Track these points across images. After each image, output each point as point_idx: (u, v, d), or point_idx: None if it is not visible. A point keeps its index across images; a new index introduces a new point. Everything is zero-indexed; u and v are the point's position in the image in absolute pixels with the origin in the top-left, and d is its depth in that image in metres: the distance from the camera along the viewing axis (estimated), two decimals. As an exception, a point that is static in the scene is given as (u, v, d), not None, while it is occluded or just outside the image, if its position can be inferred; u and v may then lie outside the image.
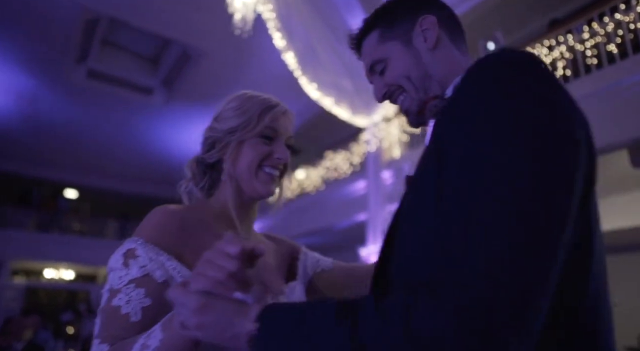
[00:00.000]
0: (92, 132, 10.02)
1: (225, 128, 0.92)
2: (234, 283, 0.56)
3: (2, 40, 6.79)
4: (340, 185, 7.49)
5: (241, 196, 0.93)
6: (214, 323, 0.55)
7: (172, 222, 0.82)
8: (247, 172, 0.91)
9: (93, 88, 8.23)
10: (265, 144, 0.92)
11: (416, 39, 0.75)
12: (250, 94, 0.96)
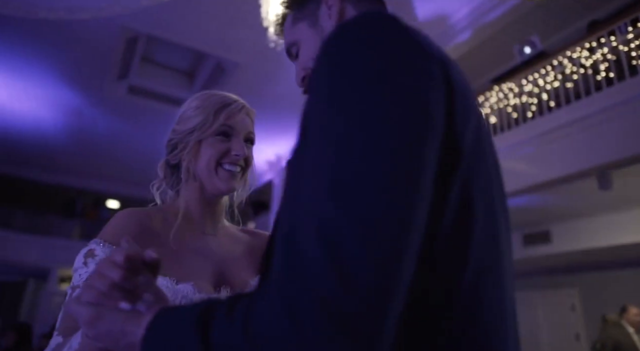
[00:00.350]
0: (131, 144, 10.40)
1: (184, 129, 0.96)
2: (119, 293, 0.55)
3: (51, 59, 7.18)
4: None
5: (204, 194, 0.96)
6: (107, 333, 0.53)
7: (131, 223, 0.88)
8: (206, 170, 0.94)
9: (133, 103, 8.56)
10: (223, 142, 0.95)
11: (322, 18, 0.72)
12: (209, 94, 1.01)
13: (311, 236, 0.39)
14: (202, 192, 0.97)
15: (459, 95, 0.50)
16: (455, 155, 0.48)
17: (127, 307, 0.54)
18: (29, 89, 8.06)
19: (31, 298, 12.97)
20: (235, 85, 7.70)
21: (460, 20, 6.09)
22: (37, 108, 8.78)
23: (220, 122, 0.95)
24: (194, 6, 5.89)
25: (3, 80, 7.78)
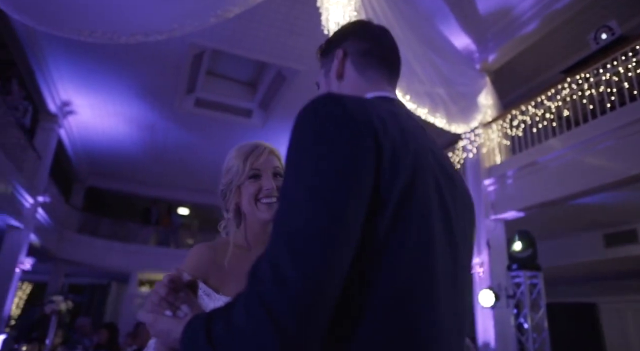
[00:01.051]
0: (199, 154, 10.95)
1: (226, 181, 1.21)
2: (166, 304, 0.79)
3: (127, 79, 7.78)
4: (438, 195, 7.28)
5: (252, 225, 1.19)
6: (160, 332, 0.76)
7: (202, 254, 1.13)
8: (249, 207, 1.17)
9: (200, 115, 9.03)
10: (255, 182, 1.17)
11: (332, 70, 0.90)
12: (239, 146, 1.24)
13: (265, 263, 0.59)
14: (252, 224, 1.19)
15: (389, 155, 0.65)
16: (381, 203, 0.64)
17: (169, 314, 0.78)
18: (109, 107, 8.77)
19: (114, 299, 14.04)
20: (295, 92, 7.88)
21: (526, 10, 5.82)
22: (116, 125, 9.53)
23: (249, 168, 1.18)
24: (255, 18, 6.12)
25: (88, 101, 8.53)
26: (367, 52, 0.89)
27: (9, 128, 6.96)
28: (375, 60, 0.89)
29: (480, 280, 5.69)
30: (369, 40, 0.91)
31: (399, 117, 0.75)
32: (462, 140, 6.74)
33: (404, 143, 0.68)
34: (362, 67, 0.89)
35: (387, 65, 0.91)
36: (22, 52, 6.98)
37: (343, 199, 0.59)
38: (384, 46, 0.92)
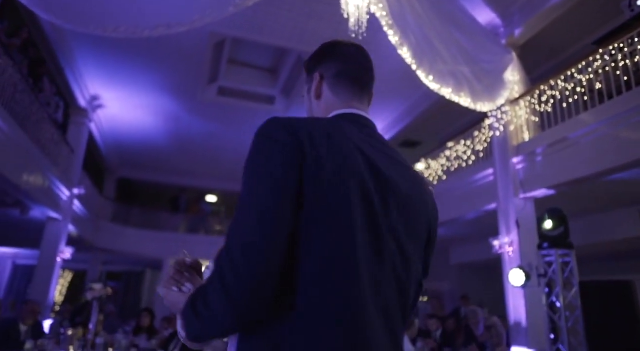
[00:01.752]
0: (224, 142, 11.10)
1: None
2: (174, 282, 0.95)
3: (151, 71, 7.92)
4: (465, 175, 7.18)
5: None
6: (171, 304, 0.93)
7: None
8: None
9: (223, 104, 9.12)
10: None
11: (312, 90, 1.05)
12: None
13: (224, 252, 0.78)
14: None
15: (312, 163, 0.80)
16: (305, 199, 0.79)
17: (176, 290, 0.95)
18: (135, 100, 8.97)
19: (149, 286, 14.56)
20: (316, 77, 7.86)
21: (553, -20, 5.59)
22: (143, 117, 9.74)
23: None
24: (274, 4, 6.10)
25: (115, 94, 8.74)
26: (341, 74, 1.02)
27: (44, 125, 7.22)
28: (347, 80, 1.02)
29: (509, 260, 5.64)
30: (343, 63, 1.03)
31: (342, 130, 0.89)
32: (488, 118, 6.60)
33: (329, 154, 0.82)
34: (336, 87, 1.02)
35: (358, 84, 1.04)
36: (51, 50, 7.19)
37: (271, 204, 0.78)
38: (356, 66, 1.05)
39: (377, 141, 0.96)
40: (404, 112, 8.98)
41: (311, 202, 0.79)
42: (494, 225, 6.16)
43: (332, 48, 1.06)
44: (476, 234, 8.61)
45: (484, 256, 8.92)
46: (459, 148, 7.56)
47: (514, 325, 5.45)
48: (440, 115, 8.96)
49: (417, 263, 0.92)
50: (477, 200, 6.78)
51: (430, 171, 8.31)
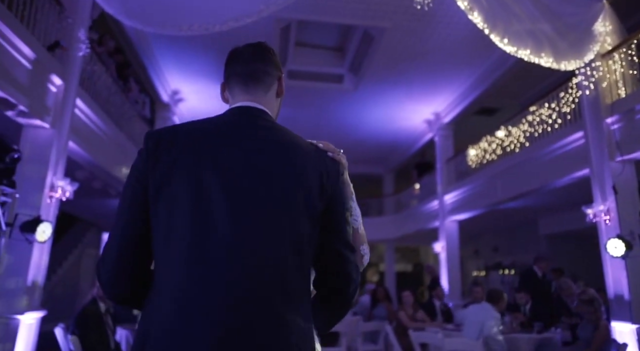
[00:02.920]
0: (297, 124, 11.34)
1: None
2: None
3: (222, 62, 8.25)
4: (550, 140, 6.69)
5: None
6: None
7: None
8: None
9: (294, 87, 9.28)
10: None
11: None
12: None
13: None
14: None
15: (161, 168, 0.97)
16: (146, 195, 0.97)
17: None
18: (211, 91, 9.45)
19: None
20: (385, 51, 7.70)
21: None
22: (219, 107, 10.10)
23: None
24: (335, -18, 6.03)
25: (193, 87, 9.28)
26: (230, 75, 1.17)
27: (135, 121, 7.90)
28: (234, 79, 1.16)
29: (606, 229, 5.22)
30: (232, 65, 1.17)
31: (214, 123, 1.06)
32: (575, 77, 6.06)
33: (169, 160, 0.97)
34: (230, 88, 1.17)
35: (238, 79, 1.15)
36: (135, 52, 7.79)
37: (124, 207, 1.00)
38: (240, 63, 1.15)
39: (246, 126, 1.05)
40: (477, 79, 8.51)
41: (153, 211, 0.96)
42: (586, 192, 5.71)
43: (228, 56, 1.20)
44: (566, 202, 8.05)
45: (576, 225, 8.33)
46: (542, 112, 7.05)
47: (615, 298, 5.07)
48: (519, 79, 8.38)
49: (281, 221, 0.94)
50: (566, 166, 6.30)
51: (510, 138, 7.85)
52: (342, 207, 1.06)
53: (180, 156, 0.96)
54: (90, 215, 11.76)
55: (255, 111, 1.09)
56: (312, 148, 1.08)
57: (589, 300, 4.34)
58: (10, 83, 3.98)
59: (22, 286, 4.29)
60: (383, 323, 6.34)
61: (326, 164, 1.05)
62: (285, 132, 1.08)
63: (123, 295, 0.99)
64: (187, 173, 0.94)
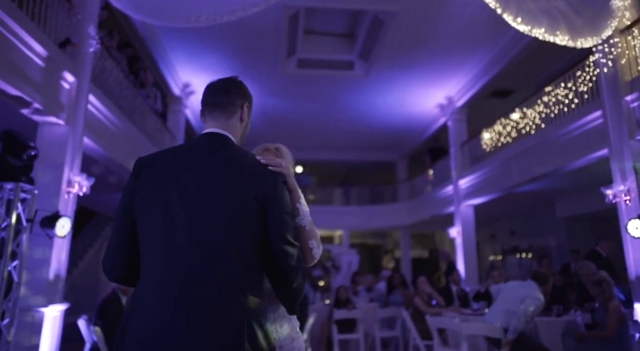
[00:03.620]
0: (309, 112, 11.31)
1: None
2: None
3: (231, 53, 8.25)
4: (567, 121, 6.55)
5: None
6: None
7: None
8: None
9: (304, 76, 9.24)
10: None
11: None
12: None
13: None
14: None
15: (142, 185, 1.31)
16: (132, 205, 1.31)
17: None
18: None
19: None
20: (395, 36, 7.58)
21: None
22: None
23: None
24: (342, -33, 5.93)
25: (203, 79, 9.26)
26: (202, 105, 1.45)
27: (147, 115, 7.96)
28: (204, 108, 1.44)
29: (627, 209, 5.12)
30: (203, 96, 1.45)
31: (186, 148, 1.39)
32: (592, 54, 5.90)
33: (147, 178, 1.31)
34: (203, 115, 1.45)
35: (207, 108, 1.43)
36: (145, 46, 7.81)
37: (118, 214, 1.34)
38: (206, 95, 1.44)
39: (208, 150, 1.34)
40: (490, 61, 8.34)
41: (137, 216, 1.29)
42: (604, 173, 5.59)
43: (204, 89, 1.47)
44: (584, 184, 7.90)
45: (595, 207, 8.18)
46: (558, 92, 6.89)
47: (636, 279, 4.99)
48: (534, 59, 8.18)
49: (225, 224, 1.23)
50: (584, 147, 6.17)
51: (526, 120, 7.71)
52: (279, 209, 1.28)
53: (154, 176, 1.30)
54: (108, 209, 11.96)
55: (218, 136, 1.38)
56: (254, 163, 1.33)
57: (598, 281, 4.27)
58: (24, 81, 4.03)
59: (44, 280, 4.40)
60: (400, 309, 6.36)
61: (264, 176, 1.30)
62: (236, 152, 1.35)
63: (120, 277, 1.35)
64: (157, 189, 1.28)
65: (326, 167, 16.06)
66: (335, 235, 16.17)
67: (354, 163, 15.73)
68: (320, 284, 8.59)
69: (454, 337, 5.07)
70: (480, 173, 9.15)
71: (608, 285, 4.20)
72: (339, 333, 6.09)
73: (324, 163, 15.54)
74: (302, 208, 1.47)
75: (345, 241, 14.52)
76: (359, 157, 15.06)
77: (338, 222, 13.80)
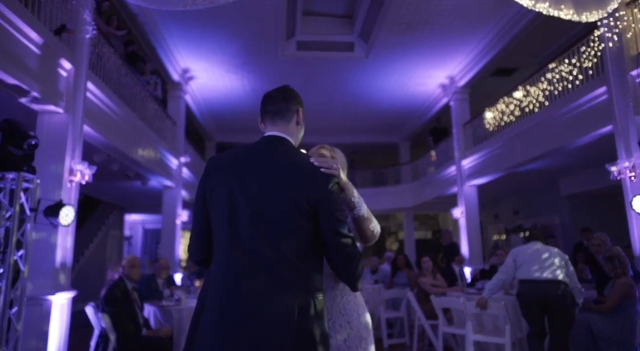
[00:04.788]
0: (310, 95, 11.18)
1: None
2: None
3: (230, 37, 8.13)
4: (571, 97, 6.46)
5: None
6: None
7: None
8: None
9: (304, 58, 9.12)
10: None
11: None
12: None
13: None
14: None
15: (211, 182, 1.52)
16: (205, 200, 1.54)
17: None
18: (221, 67, 9.35)
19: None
20: (395, 15, 7.44)
21: None
22: (230, 82, 10.16)
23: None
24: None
25: (202, 65, 9.20)
26: (263, 113, 1.65)
27: (147, 103, 7.90)
28: (265, 116, 1.64)
29: (632, 186, 5.08)
30: (263, 105, 1.65)
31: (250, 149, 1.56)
32: (597, 29, 5.78)
33: (215, 176, 1.53)
34: (264, 121, 1.64)
35: (268, 116, 1.62)
36: (142, 33, 7.71)
37: (195, 207, 1.57)
38: (266, 103, 1.64)
39: (267, 148, 1.54)
40: (493, 39, 8.19)
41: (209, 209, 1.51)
42: (609, 150, 5.54)
43: (262, 98, 1.67)
44: (588, 162, 7.85)
45: (600, 184, 8.15)
46: (562, 69, 6.78)
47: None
48: (538, 35, 8.05)
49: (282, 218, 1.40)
50: (587, 124, 6.10)
51: (529, 98, 7.62)
52: (330, 208, 1.43)
53: (220, 175, 1.51)
54: (112, 198, 12.01)
55: (277, 139, 1.57)
56: (308, 165, 1.48)
57: (610, 257, 4.26)
58: (20, 69, 3.98)
59: (51, 269, 4.43)
60: (404, 289, 6.40)
61: (316, 177, 1.45)
62: (294, 154, 1.53)
63: (200, 261, 1.58)
64: (223, 186, 1.47)
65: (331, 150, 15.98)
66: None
67: (357, 146, 15.67)
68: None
69: (458, 316, 5.11)
70: (483, 153, 9.10)
71: (620, 261, 4.18)
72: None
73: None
74: (356, 201, 1.67)
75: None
76: (361, 140, 14.99)
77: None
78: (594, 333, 4.04)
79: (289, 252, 1.36)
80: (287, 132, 1.58)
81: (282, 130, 1.58)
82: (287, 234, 1.38)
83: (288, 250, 1.36)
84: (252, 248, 1.37)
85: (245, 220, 1.39)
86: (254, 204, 1.41)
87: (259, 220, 1.39)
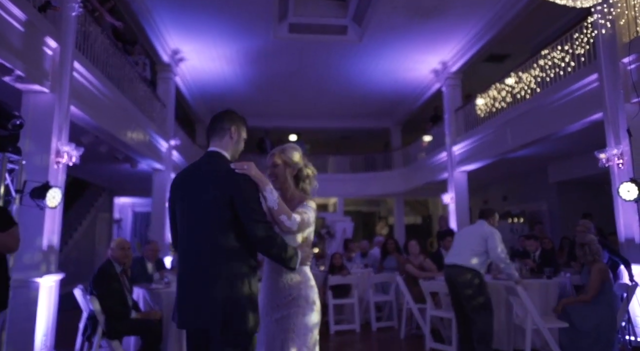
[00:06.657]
0: (302, 79, 11.08)
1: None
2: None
3: (222, 18, 7.98)
4: (563, 84, 6.47)
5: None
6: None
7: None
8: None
9: (296, 41, 8.99)
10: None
11: None
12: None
13: None
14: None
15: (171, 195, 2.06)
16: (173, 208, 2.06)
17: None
18: (212, 49, 9.19)
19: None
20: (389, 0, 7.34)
21: None
22: (221, 64, 10.01)
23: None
24: None
25: (193, 46, 9.03)
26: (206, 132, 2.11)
27: (136, 84, 7.76)
28: (206, 133, 2.09)
29: (619, 173, 5.14)
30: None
31: (193, 165, 2.04)
32: (591, 15, 5.76)
33: (173, 185, 2.04)
34: (207, 139, 2.07)
35: (208, 134, 2.06)
36: (132, 13, 7.54)
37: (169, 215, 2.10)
38: (209, 124, 2.08)
39: (203, 162, 1.99)
40: (486, 25, 8.13)
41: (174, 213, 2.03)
42: (598, 137, 5.58)
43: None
44: (578, 148, 7.92)
45: (588, 171, 8.23)
46: (554, 55, 6.77)
47: (626, 242, 5.07)
48: (531, 22, 8.01)
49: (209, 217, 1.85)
50: (578, 111, 6.13)
51: (521, 85, 7.61)
52: (244, 199, 1.83)
53: (176, 189, 2.01)
54: (100, 180, 11.89)
55: (212, 153, 1.99)
56: (228, 169, 1.88)
57: (581, 244, 4.33)
58: (3, 47, 3.86)
59: (38, 251, 4.38)
60: (393, 274, 6.46)
61: (232, 178, 1.86)
62: (221, 163, 1.93)
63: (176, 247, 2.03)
64: (176, 200, 1.99)
65: (320, 134, 15.94)
66: (329, 202, 16.25)
67: (348, 131, 15.62)
68: (315, 251, 8.69)
69: (446, 300, 5.18)
70: (474, 139, 9.12)
71: (591, 248, 4.24)
72: (334, 298, 6.19)
73: (317, 131, 15.41)
74: (267, 195, 1.92)
75: (339, 208, 14.60)
76: (353, 125, 14.94)
77: (332, 189, 13.79)
78: (576, 327, 4.07)
79: (218, 243, 1.80)
80: (221, 146, 1.99)
81: (217, 145, 1.99)
82: (216, 227, 1.80)
83: (217, 242, 1.80)
84: (189, 240, 1.89)
85: (184, 223, 1.94)
86: (191, 209, 1.90)
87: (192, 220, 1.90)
